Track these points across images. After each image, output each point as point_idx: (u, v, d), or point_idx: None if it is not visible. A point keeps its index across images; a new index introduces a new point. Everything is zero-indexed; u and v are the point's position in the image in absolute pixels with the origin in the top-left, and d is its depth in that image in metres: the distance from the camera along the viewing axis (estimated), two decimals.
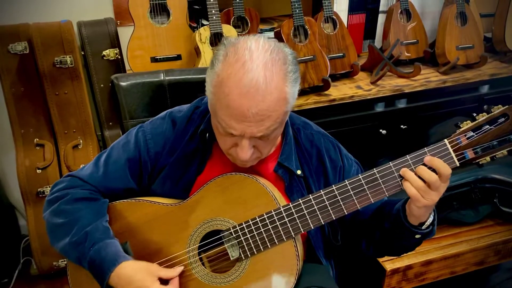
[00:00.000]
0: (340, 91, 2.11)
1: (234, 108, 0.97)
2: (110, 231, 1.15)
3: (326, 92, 2.09)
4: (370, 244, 1.27)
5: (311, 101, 2.03)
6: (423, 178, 1.02)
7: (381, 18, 2.52)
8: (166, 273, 1.11)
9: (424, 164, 1.03)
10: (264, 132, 1.01)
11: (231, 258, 1.14)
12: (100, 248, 1.10)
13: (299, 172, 1.21)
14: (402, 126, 2.21)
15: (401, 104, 2.22)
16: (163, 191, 1.22)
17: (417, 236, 1.12)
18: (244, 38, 1.03)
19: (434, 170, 1.02)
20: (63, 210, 1.16)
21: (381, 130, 2.19)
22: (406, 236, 1.13)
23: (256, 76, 0.96)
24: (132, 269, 1.09)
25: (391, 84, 2.19)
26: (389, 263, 1.90)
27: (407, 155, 1.05)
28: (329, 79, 2.05)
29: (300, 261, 1.11)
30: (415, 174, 1.03)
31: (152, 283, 1.07)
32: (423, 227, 1.11)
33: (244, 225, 1.11)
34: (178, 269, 1.13)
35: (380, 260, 1.91)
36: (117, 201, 1.20)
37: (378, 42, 2.55)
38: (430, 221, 1.11)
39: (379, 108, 2.19)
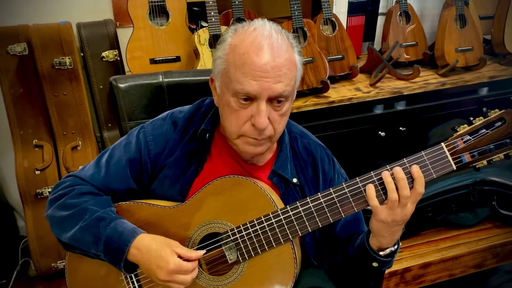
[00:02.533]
0: (339, 93, 2.11)
1: (252, 63, 1.00)
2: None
3: (325, 94, 2.09)
4: (331, 266, 1.27)
5: (310, 103, 2.03)
6: (397, 186, 1.02)
7: (380, 20, 2.52)
8: (185, 252, 1.09)
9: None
10: (280, 91, 1.02)
11: (229, 261, 1.14)
12: (117, 225, 1.10)
13: (295, 180, 1.21)
14: (401, 128, 2.22)
15: (400, 106, 2.22)
16: (161, 191, 1.22)
17: (374, 264, 1.12)
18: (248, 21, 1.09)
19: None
20: (70, 204, 1.15)
21: (380, 132, 2.19)
22: (364, 261, 1.14)
23: (269, 36, 1.02)
24: (152, 239, 1.09)
25: (390, 86, 2.20)
26: None
27: (404, 158, 1.05)
28: (328, 81, 2.05)
29: (297, 264, 1.12)
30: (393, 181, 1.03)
31: (171, 255, 1.06)
32: (382, 253, 1.11)
33: (242, 228, 1.11)
34: (199, 252, 1.11)
35: None
36: (115, 204, 1.20)
37: (377, 44, 2.56)
38: (391, 251, 1.12)
39: (378, 110, 2.18)
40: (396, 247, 1.13)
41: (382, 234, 1.08)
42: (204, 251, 1.12)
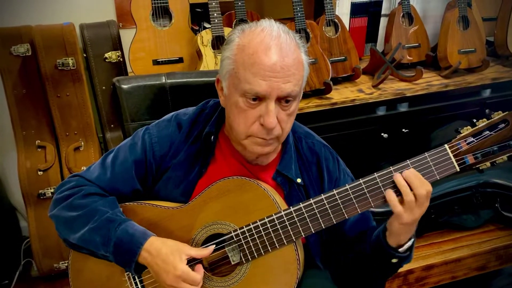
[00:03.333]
0: (342, 95, 2.11)
1: (261, 63, 1.01)
2: None
3: (327, 96, 2.09)
4: (340, 266, 1.26)
5: (313, 105, 2.03)
6: (411, 187, 1.02)
7: (383, 22, 2.52)
8: (196, 252, 1.09)
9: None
10: (289, 91, 1.03)
11: (232, 262, 1.14)
12: (127, 227, 1.10)
13: (299, 180, 1.21)
14: (403, 130, 2.21)
15: (403, 107, 2.22)
16: (165, 192, 1.22)
17: (394, 260, 1.11)
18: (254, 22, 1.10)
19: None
20: (78, 204, 1.15)
21: (382, 134, 2.19)
22: (383, 259, 1.12)
23: (278, 36, 1.03)
24: (162, 242, 1.09)
25: (392, 87, 2.20)
26: None
27: (407, 160, 1.05)
28: (331, 83, 2.05)
29: (300, 266, 1.11)
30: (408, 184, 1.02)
31: (179, 261, 1.06)
32: (401, 249, 1.10)
33: (245, 229, 1.11)
34: (210, 248, 1.11)
35: None
36: (119, 205, 1.20)
37: (380, 46, 2.55)
38: (409, 245, 1.11)
39: (381, 111, 2.18)
40: (412, 240, 1.11)
41: (402, 233, 1.07)
42: (213, 246, 1.12)
